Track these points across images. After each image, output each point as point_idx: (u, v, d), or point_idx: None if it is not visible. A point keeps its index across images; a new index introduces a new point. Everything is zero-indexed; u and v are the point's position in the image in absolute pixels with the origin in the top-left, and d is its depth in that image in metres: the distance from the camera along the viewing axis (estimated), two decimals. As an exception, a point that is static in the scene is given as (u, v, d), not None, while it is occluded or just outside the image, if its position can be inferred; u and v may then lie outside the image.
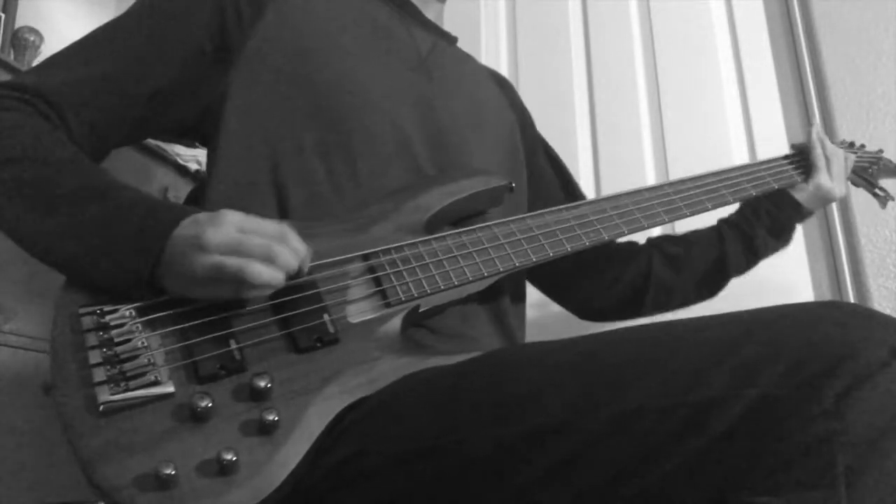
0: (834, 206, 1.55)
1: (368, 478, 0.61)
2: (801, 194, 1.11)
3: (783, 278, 1.52)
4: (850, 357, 0.48)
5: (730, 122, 1.69)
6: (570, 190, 1.18)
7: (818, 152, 1.12)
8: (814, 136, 1.13)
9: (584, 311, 1.18)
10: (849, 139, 1.24)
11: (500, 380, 0.60)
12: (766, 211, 1.11)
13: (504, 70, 1.94)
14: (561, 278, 1.14)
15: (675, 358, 0.53)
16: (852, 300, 1.48)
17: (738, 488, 0.48)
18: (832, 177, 1.12)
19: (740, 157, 1.66)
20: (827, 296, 1.53)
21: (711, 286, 1.13)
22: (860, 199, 1.51)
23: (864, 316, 0.52)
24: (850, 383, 0.48)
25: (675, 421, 0.51)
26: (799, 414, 0.48)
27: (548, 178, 1.16)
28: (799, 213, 1.11)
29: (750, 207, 1.13)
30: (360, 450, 0.62)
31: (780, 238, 1.12)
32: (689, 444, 0.50)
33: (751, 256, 1.11)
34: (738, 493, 0.48)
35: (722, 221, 1.15)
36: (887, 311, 1.42)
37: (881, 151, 1.24)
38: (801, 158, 1.14)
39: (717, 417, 0.49)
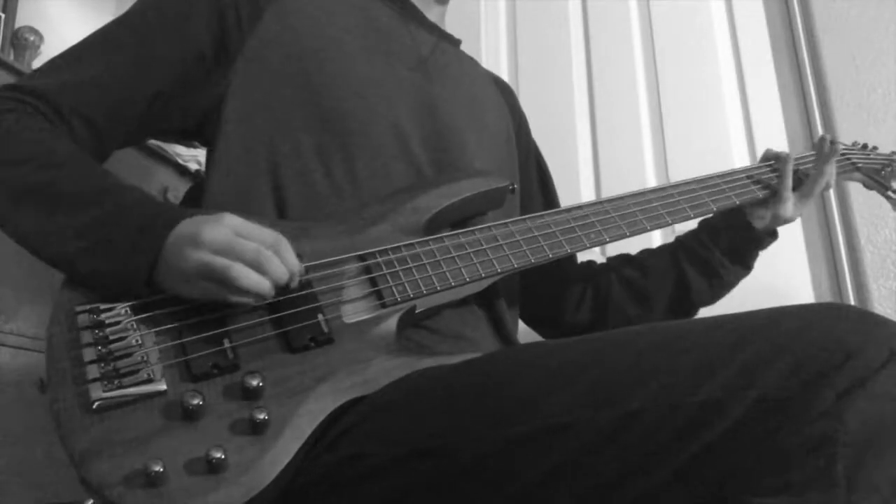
0: (834, 206, 1.55)
1: (368, 478, 0.61)
2: (759, 221, 1.03)
3: (783, 279, 1.52)
4: (850, 358, 0.48)
5: (730, 122, 1.70)
6: (550, 203, 1.15)
7: (787, 183, 1.02)
8: (789, 168, 1.03)
9: (546, 331, 1.14)
10: (861, 141, 1.22)
11: (502, 381, 0.60)
12: (724, 232, 1.04)
13: (504, 72, 1.94)
14: (524, 299, 1.07)
15: (677, 360, 0.53)
16: (852, 300, 1.48)
17: (739, 489, 0.49)
18: (799, 204, 1.03)
19: (740, 158, 1.66)
20: (827, 296, 1.53)
21: (678, 313, 1.06)
22: (860, 199, 1.51)
23: (862, 318, 0.52)
24: (849, 384, 0.48)
25: (677, 422, 0.51)
26: (799, 415, 0.48)
27: (533, 190, 1.14)
28: (756, 238, 1.03)
29: (707, 229, 1.06)
30: (360, 450, 0.62)
31: (742, 264, 1.04)
32: (691, 446, 0.50)
33: (713, 281, 1.04)
34: (738, 493, 0.48)
35: (678, 244, 1.08)
36: (887, 312, 1.43)
37: (894, 153, 1.23)
38: (764, 174, 1.05)
39: (718, 419, 0.50)
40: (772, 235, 1.05)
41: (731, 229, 1.04)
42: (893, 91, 1.55)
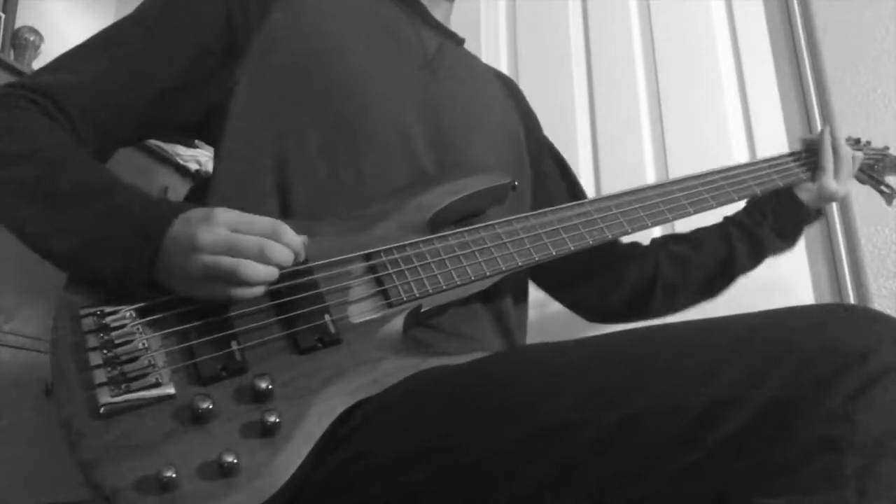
0: (834, 205, 1.55)
1: (375, 478, 0.61)
2: (806, 194, 1.09)
3: (783, 278, 1.52)
4: (859, 359, 0.48)
5: (730, 122, 1.69)
6: (575, 193, 1.17)
7: (828, 155, 1.10)
8: (826, 137, 1.11)
9: (591, 314, 1.17)
10: (854, 136, 1.23)
11: (507, 381, 0.60)
12: (772, 210, 1.09)
13: (504, 70, 1.94)
14: (566, 280, 1.12)
15: (683, 360, 0.53)
16: (852, 300, 1.48)
17: (746, 490, 0.48)
18: (838, 179, 1.10)
19: (740, 157, 1.66)
20: (827, 296, 1.53)
21: (714, 287, 1.11)
22: (860, 198, 1.51)
23: (872, 319, 0.52)
24: (858, 385, 0.47)
25: (683, 423, 0.50)
26: (807, 416, 0.47)
27: (553, 181, 1.15)
28: (804, 213, 1.09)
29: (756, 207, 1.12)
30: (363, 450, 0.62)
31: (786, 239, 1.11)
32: (697, 447, 0.50)
33: (756, 257, 1.09)
34: (746, 495, 0.48)
35: (728, 220, 1.13)
36: (887, 311, 1.43)
37: (887, 148, 1.24)
38: (808, 156, 1.12)
39: (725, 419, 0.49)
40: (817, 214, 1.11)
41: (782, 207, 1.09)
42: (893, 91, 1.55)
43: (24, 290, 1.53)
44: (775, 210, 1.09)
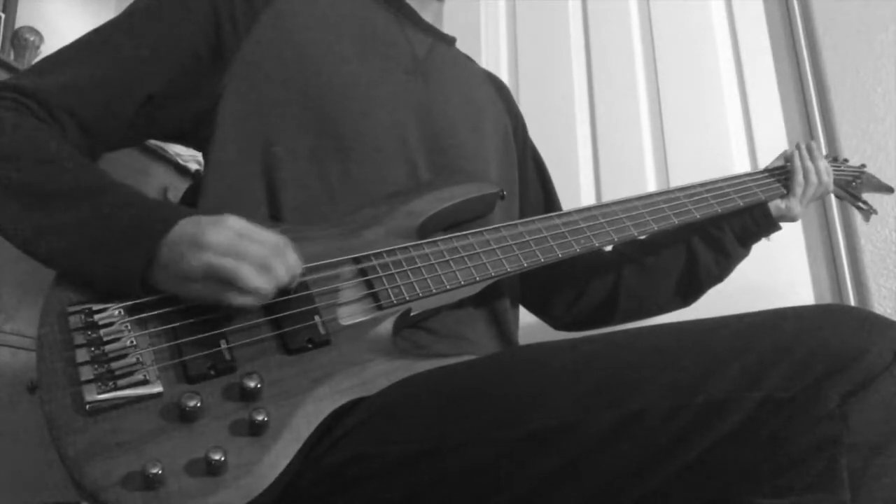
0: (834, 206, 1.55)
1: (369, 480, 0.61)
2: (774, 210, 1.09)
3: (783, 278, 1.52)
4: (855, 360, 0.49)
5: (730, 123, 1.69)
6: (550, 202, 1.16)
7: (799, 179, 1.10)
8: (797, 164, 1.11)
9: (557, 322, 1.15)
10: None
11: (503, 382, 0.60)
12: (739, 219, 1.08)
13: (504, 71, 1.94)
14: (532, 292, 1.11)
15: (680, 360, 0.53)
16: (852, 300, 1.48)
17: (742, 491, 0.49)
18: (802, 203, 1.11)
19: (740, 158, 1.65)
20: (827, 296, 1.52)
21: (685, 293, 1.09)
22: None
23: (867, 319, 0.52)
24: (854, 386, 0.48)
25: (679, 424, 0.51)
26: (803, 416, 0.48)
27: (533, 189, 1.15)
28: (769, 226, 1.09)
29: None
30: (360, 452, 0.62)
31: (745, 247, 1.09)
32: (693, 447, 0.50)
33: (721, 259, 1.07)
34: (742, 495, 0.49)
35: (690, 226, 1.11)
36: (887, 312, 1.42)
37: (864, 166, 1.25)
38: (781, 174, 1.12)
39: (722, 420, 0.50)
40: (777, 227, 1.10)
41: (750, 216, 1.08)
42: (893, 91, 1.54)
43: (24, 290, 1.53)
44: (743, 220, 1.08)
